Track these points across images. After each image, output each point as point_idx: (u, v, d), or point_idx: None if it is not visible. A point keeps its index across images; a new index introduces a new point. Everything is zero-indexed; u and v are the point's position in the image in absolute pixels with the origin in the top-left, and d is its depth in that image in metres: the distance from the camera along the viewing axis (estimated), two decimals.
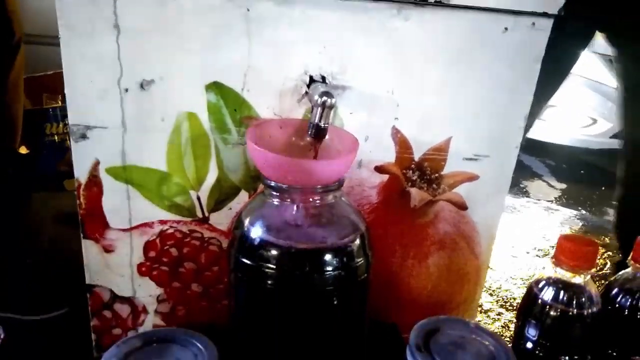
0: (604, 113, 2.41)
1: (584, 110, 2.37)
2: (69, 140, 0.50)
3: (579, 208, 1.91)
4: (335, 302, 0.46)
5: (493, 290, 1.21)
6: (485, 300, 1.17)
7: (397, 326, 0.59)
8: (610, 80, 2.32)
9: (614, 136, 2.36)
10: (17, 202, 1.01)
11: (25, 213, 0.97)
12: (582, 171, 2.49)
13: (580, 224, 1.75)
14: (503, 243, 1.37)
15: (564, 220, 1.74)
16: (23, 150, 1.03)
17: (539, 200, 1.96)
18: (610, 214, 1.91)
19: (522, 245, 1.45)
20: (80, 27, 0.45)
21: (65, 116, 0.51)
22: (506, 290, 1.21)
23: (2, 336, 0.44)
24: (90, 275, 0.54)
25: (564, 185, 2.14)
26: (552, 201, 2.00)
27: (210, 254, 0.56)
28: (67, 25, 0.45)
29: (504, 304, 1.16)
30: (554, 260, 0.44)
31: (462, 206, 0.59)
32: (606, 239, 1.54)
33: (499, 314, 1.14)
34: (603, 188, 2.18)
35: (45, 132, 1.00)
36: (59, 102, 1.00)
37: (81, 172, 0.50)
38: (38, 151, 1.07)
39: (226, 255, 0.49)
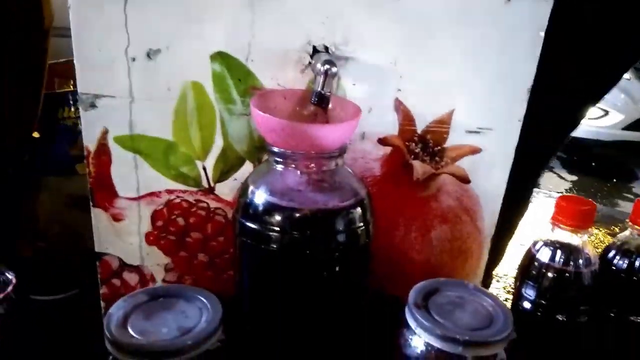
0: (616, 105, 2.39)
1: None
2: (80, 124, 0.51)
3: (590, 200, 1.92)
4: (336, 266, 0.47)
5: (500, 277, 1.21)
6: (493, 287, 1.17)
7: (399, 298, 0.60)
8: None
9: (626, 128, 2.34)
10: (30, 187, 1.02)
11: (38, 197, 0.98)
12: (593, 163, 2.47)
13: None
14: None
15: None
16: (35, 134, 1.04)
17: (549, 191, 1.95)
18: (621, 206, 1.91)
19: (532, 235, 1.44)
20: None
21: (77, 100, 0.52)
22: (513, 277, 1.21)
23: (13, 282, 0.45)
24: (100, 243, 0.55)
25: (575, 177, 2.14)
26: (562, 193, 1.99)
27: (216, 224, 0.57)
28: None
29: (511, 290, 1.17)
30: (552, 221, 0.44)
31: (465, 179, 0.59)
32: (616, 229, 1.54)
33: (506, 299, 1.14)
34: (614, 180, 2.18)
35: (58, 117, 1.01)
36: (71, 86, 1.01)
37: (90, 141, 0.51)
38: (51, 136, 1.07)
39: (232, 221, 0.50)
